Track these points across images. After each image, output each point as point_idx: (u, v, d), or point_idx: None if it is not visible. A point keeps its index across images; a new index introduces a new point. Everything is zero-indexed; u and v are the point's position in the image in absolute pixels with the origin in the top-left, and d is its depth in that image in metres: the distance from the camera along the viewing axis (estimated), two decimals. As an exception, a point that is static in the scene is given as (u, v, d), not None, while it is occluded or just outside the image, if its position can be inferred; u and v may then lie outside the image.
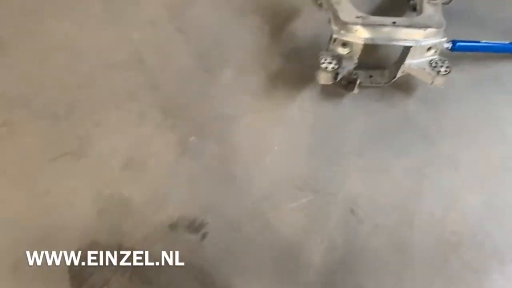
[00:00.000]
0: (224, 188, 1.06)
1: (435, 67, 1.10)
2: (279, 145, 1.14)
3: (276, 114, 1.18)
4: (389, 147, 1.14)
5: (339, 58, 1.09)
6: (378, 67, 1.21)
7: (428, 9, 1.11)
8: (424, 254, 1.00)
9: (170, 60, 1.26)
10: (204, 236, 1.00)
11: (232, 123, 1.16)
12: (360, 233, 1.02)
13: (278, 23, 1.32)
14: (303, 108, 1.19)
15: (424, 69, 1.09)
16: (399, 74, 1.13)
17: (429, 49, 1.09)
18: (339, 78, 1.08)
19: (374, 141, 1.15)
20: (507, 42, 1.21)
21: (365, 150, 1.14)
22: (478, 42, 1.19)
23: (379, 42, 1.06)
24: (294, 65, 1.25)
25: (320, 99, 1.20)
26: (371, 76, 1.19)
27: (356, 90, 1.12)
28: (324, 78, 1.07)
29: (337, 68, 1.07)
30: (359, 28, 1.04)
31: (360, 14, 1.07)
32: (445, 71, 1.09)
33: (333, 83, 1.08)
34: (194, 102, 1.19)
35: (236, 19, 1.33)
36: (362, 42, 1.05)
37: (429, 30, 1.06)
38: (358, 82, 1.11)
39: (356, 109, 1.19)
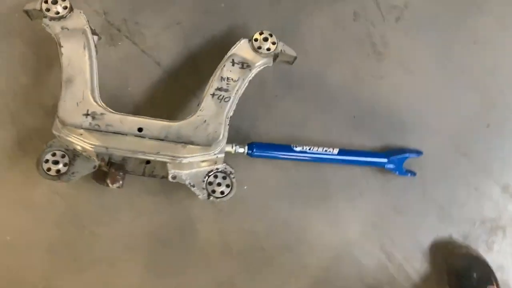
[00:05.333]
0: None
1: (210, 184, 0.79)
2: (13, 236, 0.89)
3: (18, 191, 0.90)
4: (170, 260, 0.89)
5: (73, 155, 0.77)
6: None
7: (209, 106, 0.76)
8: None
9: None
10: None
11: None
12: None
13: (48, 54, 0.94)
14: (55, 190, 0.90)
15: (193, 186, 0.79)
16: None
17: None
18: (72, 179, 0.78)
19: (138, 249, 0.89)
20: (334, 153, 0.88)
21: (119, 261, 0.89)
22: (289, 149, 0.86)
23: (117, 153, 0.74)
24: (57, 124, 0.92)
25: (83, 180, 0.87)
26: (148, 163, 0.86)
27: (115, 185, 0.81)
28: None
29: (65, 173, 0.76)
30: (84, 133, 0.71)
31: (94, 108, 0.72)
32: (222, 193, 0.79)
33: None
34: None
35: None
36: (92, 150, 0.73)
37: (191, 147, 0.73)
38: (116, 180, 0.80)
39: (123, 203, 0.91)
